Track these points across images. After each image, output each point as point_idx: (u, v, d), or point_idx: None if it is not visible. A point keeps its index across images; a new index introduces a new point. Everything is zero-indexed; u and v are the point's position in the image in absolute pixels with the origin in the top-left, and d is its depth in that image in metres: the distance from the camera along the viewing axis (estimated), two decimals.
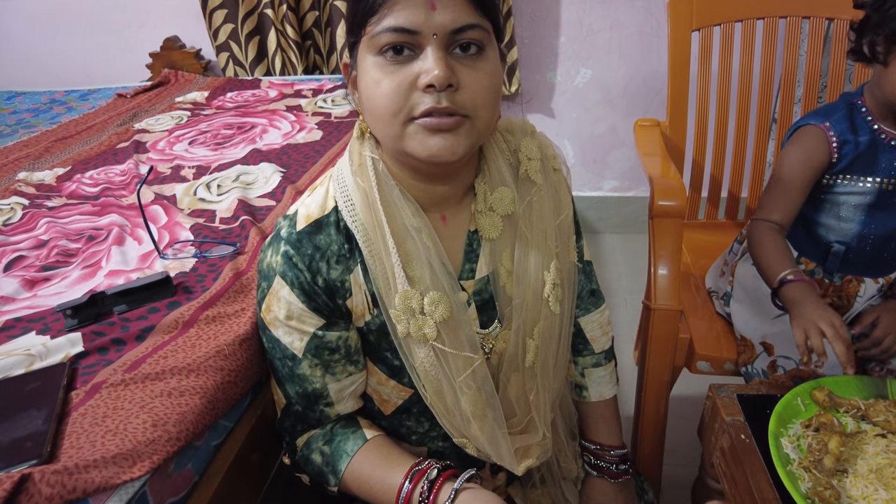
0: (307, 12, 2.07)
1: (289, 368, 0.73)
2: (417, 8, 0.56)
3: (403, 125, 0.59)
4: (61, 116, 1.91)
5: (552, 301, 0.75)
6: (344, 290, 0.69)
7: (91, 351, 0.79)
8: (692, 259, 1.35)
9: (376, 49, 0.59)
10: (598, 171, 2.28)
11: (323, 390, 0.73)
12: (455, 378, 0.70)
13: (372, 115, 0.62)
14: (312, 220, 0.68)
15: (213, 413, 0.74)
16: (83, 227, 1.17)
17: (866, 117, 0.92)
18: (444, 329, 0.68)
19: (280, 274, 0.68)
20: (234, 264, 0.97)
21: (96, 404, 0.69)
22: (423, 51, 0.58)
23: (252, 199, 1.22)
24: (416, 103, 0.58)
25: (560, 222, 0.78)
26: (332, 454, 0.74)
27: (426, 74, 0.57)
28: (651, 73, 2.04)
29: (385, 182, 0.68)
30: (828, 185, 0.95)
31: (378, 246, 0.67)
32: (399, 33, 0.57)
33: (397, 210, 0.67)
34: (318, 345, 0.71)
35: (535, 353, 0.75)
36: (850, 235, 0.96)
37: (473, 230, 0.73)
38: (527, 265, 0.73)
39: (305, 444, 0.77)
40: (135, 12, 2.22)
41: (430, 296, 0.67)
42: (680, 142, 1.39)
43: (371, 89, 0.60)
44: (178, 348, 0.79)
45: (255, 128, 1.63)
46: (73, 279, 0.99)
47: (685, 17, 1.32)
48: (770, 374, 0.98)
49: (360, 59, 0.61)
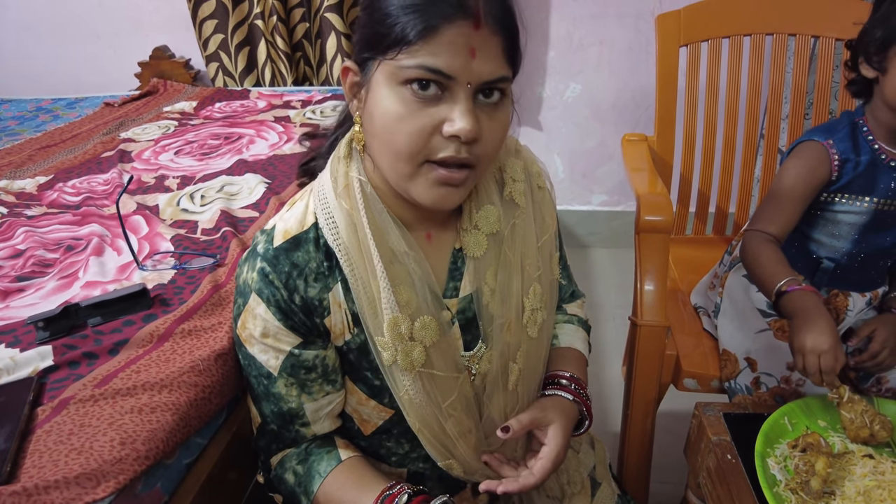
0: (297, 24, 2.06)
1: (264, 386, 0.71)
2: (459, 53, 0.54)
3: (417, 167, 0.59)
4: (47, 125, 1.89)
5: (531, 326, 0.74)
6: (322, 309, 0.67)
7: (61, 365, 0.77)
8: (679, 275, 1.34)
9: (402, 79, 0.56)
10: (587, 186, 2.28)
11: (299, 410, 0.71)
12: (441, 402, 0.69)
13: (385, 145, 0.60)
14: (290, 237, 0.66)
15: (185, 430, 0.72)
16: (62, 236, 1.15)
17: (867, 137, 0.91)
18: (434, 352, 0.67)
19: (256, 291, 0.66)
20: (213, 276, 0.95)
21: (62, 421, 0.67)
22: (452, 95, 0.56)
23: (235, 211, 1.21)
24: (436, 148, 0.57)
25: (543, 242, 0.77)
26: (305, 474, 0.72)
27: (453, 124, 0.55)
28: (640, 89, 2.05)
29: (373, 205, 0.66)
30: (825, 201, 0.95)
31: (363, 269, 0.65)
32: (434, 73, 0.54)
33: (385, 234, 0.66)
34: (293, 363, 0.69)
35: (518, 375, 0.75)
36: (841, 253, 0.96)
37: (458, 248, 0.72)
38: (510, 288, 0.73)
39: (279, 463, 0.75)
40: (124, 21, 2.21)
41: (420, 320, 0.66)
42: (668, 157, 1.39)
43: (390, 122, 0.57)
44: (152, 363, 0.77)
45: (242, 138, 1.62)
46: (48, 290, 0.97)
47: (673, 33, 1.32)
48: (753, 391, 0.97)
49: (377, 80, 0.58)
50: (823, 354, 0.78)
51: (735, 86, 1.36)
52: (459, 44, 0.54)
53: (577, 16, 1.99)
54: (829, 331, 0.79)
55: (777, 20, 1.31)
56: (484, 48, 0.55)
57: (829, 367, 0.77)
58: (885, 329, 0.92)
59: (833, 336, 0.79)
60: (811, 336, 0.79)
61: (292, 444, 0.75)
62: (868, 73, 0.87)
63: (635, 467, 1.17)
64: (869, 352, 0.92)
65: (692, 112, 1.37)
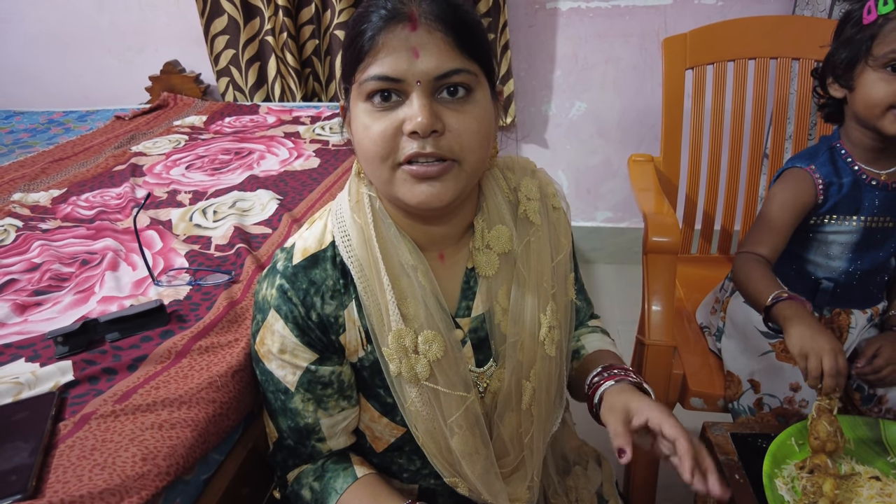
0: (307, 41, 2.09)
1: (281, 402, 0.72)
2: (401, 56, 0.58)
3: (392, 170, 0.61)
4: (59, 137, 1.91)
5: (548, 344, 0.75)
6: (338, 326, 0.69)
7: (81, 380, 0.78)
8: (685, 293, 1.35)
9: (364, 95, 0.60)
10: (591, 202, 2.30)
11: (315, 425, 0.73)
12: (446, 418, 0.70)
13: (363, 158, 0.64)
14: (309, 255, 0.69)
15: (204, 446, 0.73)
16: (77, 250, 1.17)
17: (846, 159, 0.95)
18: (438, 368, 0.68)
19: (275, 307, 0.68)
20: (228, 293, 0.96)
21: (85, 436, 0.68)
22: (408, 97, 0.59)
23: (248, 227, 1.22)
24: (402, 148, 0.60)
25: (558, 262, 0.78)
26: (321, 491, 0.73)
27: (410, 121, 0.58)
28: (644, 108, 2.08)
29: (382, 220, 0.69)
30: (815, 224, 0.98)
31: (373, 283, 0.67)
32: (384, 81, 0.58)
33: (393, 248, 0.68)
34: (310, 379, 0.70)
35: (532, 395, 0.75)
36: (837, 272, 0.99)
37: (471, 267, 0.73)
38: (523, 305, 0.73)
39: (296, 479, 0.76)
40: (136, 35, 2.25)
41: (423, 334, 0.67)
42: (673, 177, 1.41)
43: (360, 134, 0.62)
44: (171, 379, 0.78)
45: (252, 154, 1.64)
46: (66, 304, 0.99)
47: (679, 56, 1.35)
48: (756, 412, 0.99)
49: (353, 103, 0.63)
50: (825, 356, 0.78)
51: (740, 107, 1.38)
52: (400, 47, 0.58)
53: (583, 35, 2.02)
54: (824, 332, 0.81)
55: (781, 44, 1.34)
56: (427, 46, 0.58)
57: (831, 370, 0.77)
58: (889, 347, 0.94)
59: (830, 337, 0.80)
60: (807, 338, 0.80)
61: (308, 460, 0.76)
62: (837, 93, 0.91)
63: (642, 485, 1.18)
64: (872, 367, 0.93)
65: (698, 133, 1.39)
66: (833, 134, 0.98)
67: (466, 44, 0.60)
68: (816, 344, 0.79)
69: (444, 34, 0.59)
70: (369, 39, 0.59)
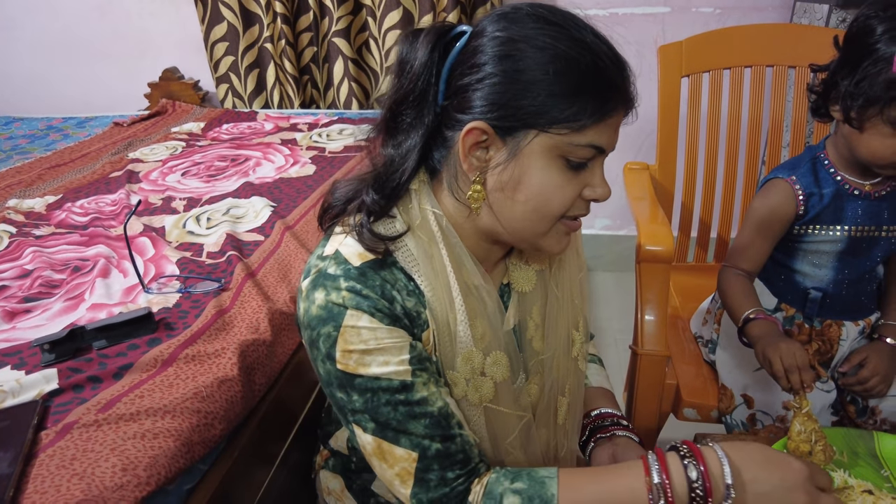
0: (305, 48, 2.10)
1: (405, 407, 0.61)
2: (614, 132, 0.61)
3: (552, 223, 0.63)
4: (57, 143, 1.92)
5: (580, 360, 0.76)
6: (421, 322, 0.63)
7: (66, 388, 0.78)
8: (681, 302, 1.34)
9: (562, 152, 0.59)
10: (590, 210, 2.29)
11: (446, 407, 0.63)
12: (502, 440, 0.69)
13: (533, 210, 0.61)
14: (369, 259, 0.62)
15: (187, 457, 0.72)
16: (69, 257, 1.17)
17: (829, 169, 0.94)
18: (502, 389, 0.67)
19: (353, 307, 0.59)
20: (217, 301, 0.96)
21: (66, 446, 0.68)
22: (592, 164, 0.61)
23: (240, 234, 1.22)
24: (575, 208, 0.63)
25: (581, 278, 0.79)
26: (530, 486, 0.62)
27: (595, 190, 0.62)
28: (642, 115, 2.03)
29: (450, 237, 0.65)
30: (799, 234, 0.97)
31: (442, 300, 0.63)
32: (598, 151, 0.60)
33: (462, 267, 0.65)
34: (418, 356, 0.62)
35: (567, 410, 0.75)
36: (825, 281, 0.98)
37: (506, 283, 0.73)
38: (557, 322, 0.73)
39: (486, 494, 0.63)
40: (136, 43, 2.26)
41: (492, 355, 0.66)
42: (669, 185, 1.40)
43: (548, 190, 0.60)
44: (156, 388, 0.78)
45: (248, 160, 1.64)
46: (55, 311, 0.98)
47: (674, 64, 1.34)
48: (749, 427, 0.98)
49: (531, 147, 0.59)
50: (783, 354, 0.83)
51: (736, 115, 1.37)
52: (616, 124, 0.60)
53: None
54: (784, 338, 0.87)
55: (777, 52, 1.33)
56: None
57: (791, 366, 0.82)
58: (875, 357, 0.94)
59: (788, 339, 0.86)
60: (769, 345, 0.86)
61: (466, 461, 0.64)
62: (837, 115, 0.88)
63: None
64: (857, 377, 0.94)
65: (693, 141, 1.39)
66: (819, 144, 0.97)
67: None
68: (775, 347, 0.85)
69: None
70: (605, 112, 0.58)
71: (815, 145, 0.98)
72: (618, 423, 0.82)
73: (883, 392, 0.94)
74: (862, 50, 0.83)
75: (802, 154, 0.99)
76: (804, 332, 1.01)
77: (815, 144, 0.98)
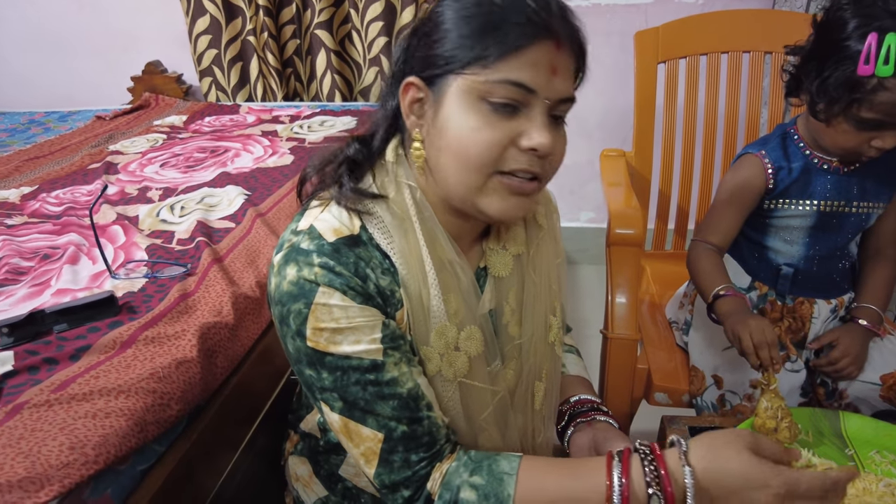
0: (288, 40, 2.09)
1: (374, 387, 0.60)
2: (541, 70, 0.56)
3: (486, 177, 0.59)
4: (37, 137, 1.91)
5: (557, 345, 0.76)
6: (395, 301, 0.62)
7: (21, 370, 0.77)
8: (658, 290, 1.34)
9: (483, 94, 0.57)
10: (574, 203, 2.29)
11: (416, 388, 0.62)
12: (476, 416, 0.68)
13: (454, 158, 0.59)
14: (344, 235, 0.61)
15: (140, 436, 0.71)
16: (40, 245, 1.16)
17: (798, 144, 0.95)
18: (476, 364, 0.67)
19: (325, 284, 0.58)
20: (182, 285, 0.95)
21: (14, 425, 0.67)
22: (530, 110, 0.58)
23: (212, 221, 1.21)
24: (508, 159, 0.58)
25: (558, 264, 0.79)
26: (488, 482, 0.61)
27: (530, 138, 0.57)
28: (626, 107, 2.05)
29: (423, 211, 0.64)
30: (770, 209, 0.98)
31: (416, 275, 0.62)
32: (518, 89, 0.56)
33: (436, 241, 0.64)
34: (391, 335, 0.61)
35: (544, 395, 0.75)
36: (797, 257, 0.98)
37: (482, 266, 0.72)
38: (534, 307, 0.73)
39: (443, 485, 0.62)
40: (119, 36, 2.25)
41: (466, 330, 0.65)
42: (646, 172, 1.40)
43: (465, 134, 0.58)
44: (112, 369, 0.77)
45: (227, 151, 1.63)
46: (19, 297, 0.98)
47: (651, 50, 1.34)
48: (719, 408, 0.97)
49: (449, 93, 0.58)
50: (752, 331, 0.84)
51: (713, 101, 1.37)
52: (542, 62, 0.56)
53: None
54: (752, 315, 0.88)
55: (753, 38, 1.32)
56: (562, 68, 0.58)
57: (760, 342, 0.83)
58: (847, 338, 0.94)
59: (757, 316, 0.87)
60: (738, 322, 0.87)
61: (432, 444, 0.63)
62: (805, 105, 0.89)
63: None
64: (828, 358, 0.94)
65: (670, 128, 1.38)
66: (790, 121, 0.97)
67: (579, 72, 0.61)
68: (744, 324, 0.85)
69: (573, 60, 0.59)
70: (515, 43, 0.55)
71: (787, 122, 0.98)
72: (597, 408, 0.82)
73: (854, 374, 0.94)
74: (830, 45, 0.82)
75: (774, 130, 0.99)
76: (776, 309, 1.01)
77: (787, 122, 0.98)
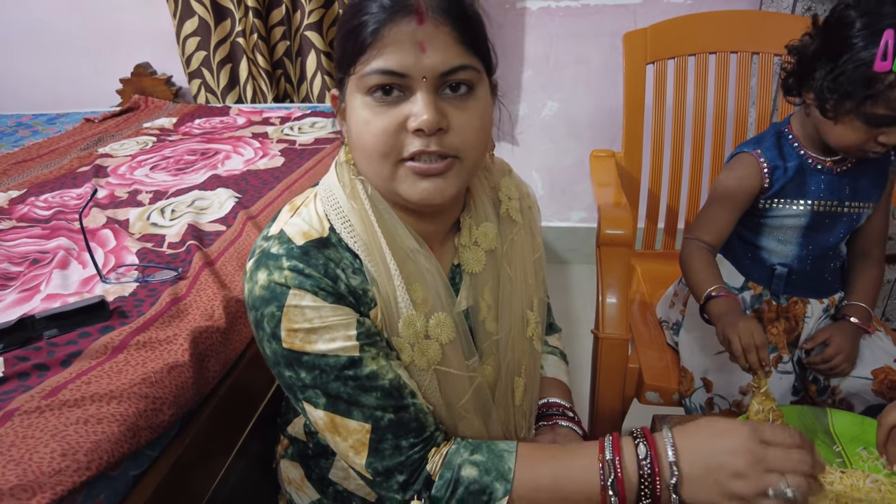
0: (278, 42, 2.09)
1: (355, 382, 0.61)
2: (406, 50, 0.56)
3: (394, 166, 0.60)
4: (25, 140, 1.89)
5: (535, 340, 0.76)
6: (368, 300, 0.64)
7: (10, 377, 0.77)
8: (649, 289, 1.35)
9: (365, 88, 0.58)
10: (565, 202, 2.30)
11: (397, 378, 0.63)
12: (455, 402, 0.69)
13: (361, 153, 0.62)
14: (314, 238, 0.63)
15: (132, 441, 0.71)
16: (29, 250, 1.15)
17: (793, 144, 0.96)
18: (450, 350, 0.67)
19: (296, 286, 0.59)
20: (173, 289, 0.95)
21: (5, 433, 0.67)
22: (413, 93, 0.58)
23: (203, 224, 1.21)
24: (405, 145, 0.58)
25: (535, 260, 0.79)
26: (489, 458, 0.63)
27: (415, 118, 0.57)
28: (616, 107, 2.06)
29: (377, 203, 0.65)
30: (765, 209, 0.98)
31: (379, 269, 0.64)
32: (388, 75, 0.57)
33: (395, 233, 0.65)
34: (366, 332, 0.62)
35: (524, 391, 0.76)
36: (790, 257, 0.99)
37: (456, 264, 0.73)
38: (511, 303, 0.73)
39: (444, 464, 0.64)
40: (108, 38, 2.23)
41: (435, 317, 0.66)
42: (635, 172, 1.40)
43: (359, 128, 0.60)
44: (103, 374, 0.77)
45: (217, 154, 1.63)
46: (7, 303, 0.97)
47: (639, 51, 1.35)
48: (707, 411, 0.98)
49: (349, 95, 0.61)
50: (741, 334, 0.84)
51: (702, 102, 1.38)
52: (405, 41, 0.56)
53: (554, 35, 2.02)
54: (743, 317, 0.88)
55: (741, 39, 1.34)
56: (433, 41, 0.56)
57: (748, 345, 0.83)
58: (839, 336, 0.95)
59: (747, 318, 0.87)
60: (728, 324, 0.87)
61: (421, 430, 0.64)
62: (811, 102, 0.88)
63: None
64: (822, 355, 0.95)
65: (659, 128, 1.39)
66: (784, 120, 0.98)
67: (471, 38, 0.59)
68: (734, 326, 0.85)
69: (450, 28, 0.57)
70: (373, 31, 0.56)
71: (781, 121, 0.99)
72: (563, 413, 0.83)
73: (847, 371, 0.95)
74: (841, 43, 0.82)
75: (768, 129, 1.00)
76: (772, 309, 1.02)
77: (781, 121, 0.99)
